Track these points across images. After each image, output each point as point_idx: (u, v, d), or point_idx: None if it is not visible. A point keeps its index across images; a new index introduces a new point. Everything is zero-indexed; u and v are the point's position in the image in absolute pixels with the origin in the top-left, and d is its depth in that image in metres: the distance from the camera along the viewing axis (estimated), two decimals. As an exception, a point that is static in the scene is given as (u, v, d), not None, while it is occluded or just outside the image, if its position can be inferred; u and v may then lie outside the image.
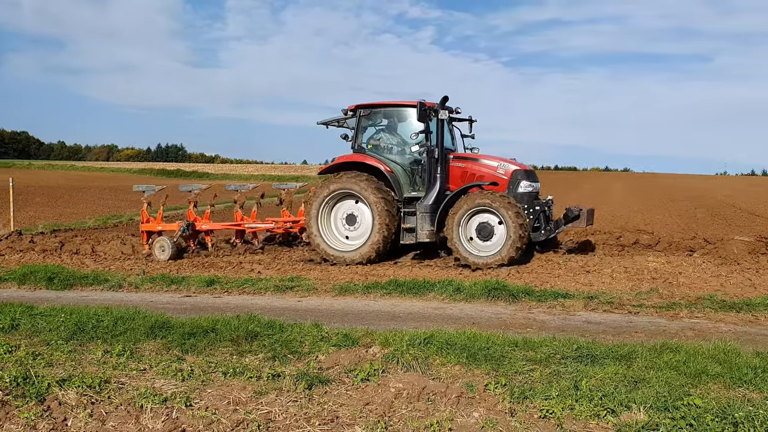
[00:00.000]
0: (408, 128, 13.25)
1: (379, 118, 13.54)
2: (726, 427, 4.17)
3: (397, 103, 13.30)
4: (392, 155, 13.22)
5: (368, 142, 13.38)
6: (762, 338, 7.02)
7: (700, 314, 8.17)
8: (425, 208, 12.50)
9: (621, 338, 6.88)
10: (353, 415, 4.60)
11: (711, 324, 7.73)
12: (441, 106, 12.70)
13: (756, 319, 7.90)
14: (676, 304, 8.59)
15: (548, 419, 4.47)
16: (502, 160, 13.04)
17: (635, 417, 4.36)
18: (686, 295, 9.08)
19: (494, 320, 7.97)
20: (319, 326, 6.82)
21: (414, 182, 13.02)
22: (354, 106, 13.43)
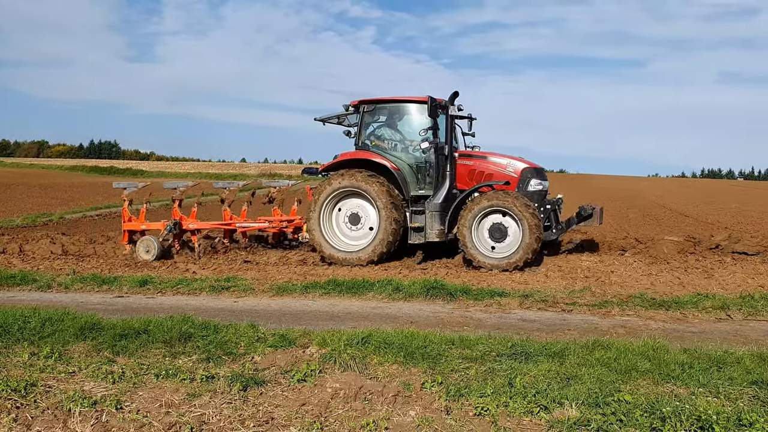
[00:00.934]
0: (414, 125, 12.83)
1: (384, 114, 13.04)
2: (654, 421, 4.29)
3: (403, 98, 12.87)
4: (397, 152, 12.79)
5: (372, 138, 12.98)
6: (690, 335, 7.24)
7: (631, 312, 8.38)
8: (435, 207, 12.15)
9: (554, 336, 7.01)
10: (289, 416, 4.56)
11: (641, 321, 7.94)
12: (450, 101, 12.45)
13: (684, 317, 8.14)
14: (608, 302, 8.80)
15: (483, 417, 4.52)
16: (510, 157, 12.82)
17: (567, 413, 4.44)
18: (618, 293, 9.31)
19: (432, 319, 8.01)
20: (255, 327, 6.73)
21: (420, 180, 12.58)
22: (357, 102, 13.01)
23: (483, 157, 12.93)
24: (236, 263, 12.29)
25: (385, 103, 12.93)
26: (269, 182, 16.23)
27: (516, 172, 12.52)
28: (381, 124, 13.06)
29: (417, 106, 12.60)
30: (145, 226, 13.71)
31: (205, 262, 12.41)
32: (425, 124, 12.39)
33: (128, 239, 13.69)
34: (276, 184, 15.87)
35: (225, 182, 15.57)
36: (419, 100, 12.44)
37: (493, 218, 11.76)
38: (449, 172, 12.35)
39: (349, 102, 13.22)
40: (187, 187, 14.67)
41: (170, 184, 14.68)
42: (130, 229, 13.74)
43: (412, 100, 12.65)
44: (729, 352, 5.96)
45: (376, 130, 13.04)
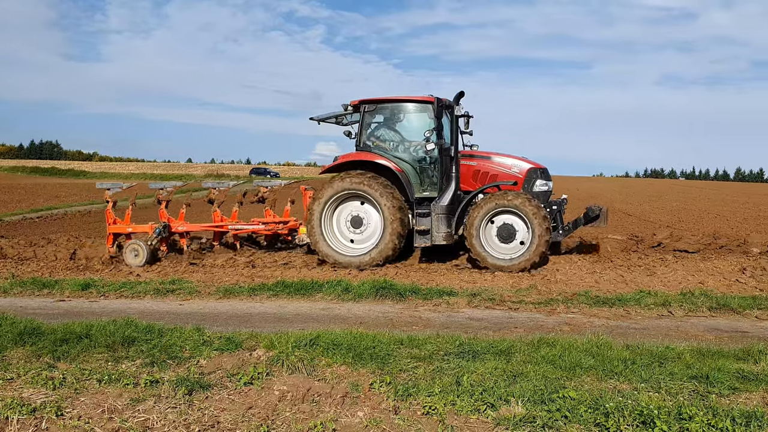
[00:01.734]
0: (416, 125, 12.57)
1: (385, 114, 12.68)
2: (598, 417, 4.36)
3: (406, 98, 12.55)
4: (400, 153, 12.45)
5: (373, 139, 12.63)
6: (632, 332, 7.39)
7: (575, 309, 8.53)
8: (441, 209, 11.88)
9: (501, 334, 7.08)
10: (235, 419, 4.49)
11: (586, 319, 8.09)
12: (456, 101, 12.21)
13: (627, 314, 8.32)
14: (554, 300, 8.94)
15: (431, 415, 4.53)
16: (515, 157, 12.70)
17: (513, 410, 4.49)
18: (563, 291, 9.47)
19: (381, 319, 8.01)
20: (201, 330, 6.62)
21: (424, 182, 12.29)
22: (357, 101, 12.63)
23: (486, 157, 12.76)
24: (182, 265, 12.06)
25: (387, 103, 12.59)
26: (260, 182, 15.58)
27: (521, 172, 12.46)
28: (382, 125, 12.75)
29: (420, 105, 12.39)
30: (131, 229, 13.17)
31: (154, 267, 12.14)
32: (429, 125, 12.15)
33: (112, 242, 13.17)
34: (268, 184, 15.34)
35: (215, 182, 14.91)
36: (423, 99, 12.27)
37: (501, 219, 11.68)
38: (455, 173, 12.11)
39: (349, 102, 12.85)
40: (175, 187, 14.23)
41: (157, 184, 14.16)
42: (116, 232, 13.22)
43: (415, 99, 12.42)
44: (670, 347, 6.11)
45: (378, 130, 12.72)
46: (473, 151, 12.90)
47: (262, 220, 14.08)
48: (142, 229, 13.11)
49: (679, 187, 68.41)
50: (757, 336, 7.10)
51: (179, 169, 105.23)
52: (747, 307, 8.40)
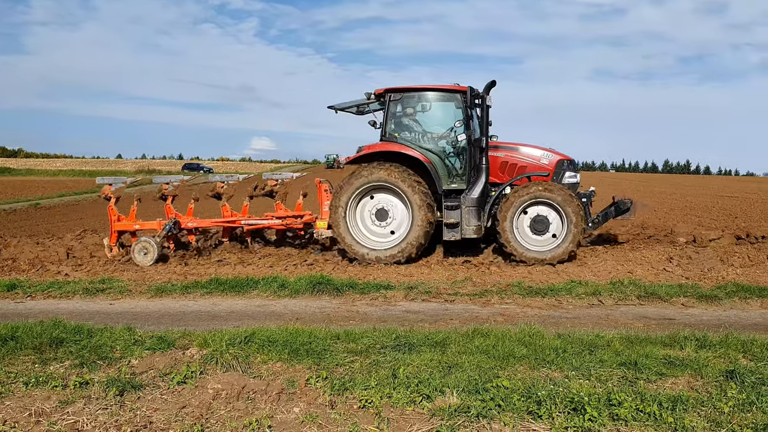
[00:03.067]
0: (445, 114, 12.20)
1: (412, 103, 12.19)
2: (531, 405, 4.44)
3: (434, 87, 12.16)
4: (427, 144, 12.06)
5: (398, 129, 12.18)
6: (564, 321, 7.57)
7: (509, 300, 8.68)
8: (472, 201, 11.56)
9: (437, 326, 7.15)
10: (168, 419, 4.41)
11: (519, 309, 8.23)
12: (486, 91, 11.82)
13: (559, 303, 8.51)
14: (488, 291, 9.07)
15: (367, 409, 4.54)
16: (542, 148, 12.45)
17: (448, 401, 4.54)
18: (497, 282, 9.61)
19: (318, 315, 7.98)
20: (132, 329, 6.46)
21: (452, 174, 11.94)
22: (383, 90, 12.17)
23: (513, 148, 12.49)
24: (112, 264, 11.73)
25: (414, 92, 12.18)
26: (271, 174, 14.74)
27: (551, 164, 12.26)
28: (409, 114, 12.29)
29: (449, 95, 12.09)
30: (138, 226, 12.65)
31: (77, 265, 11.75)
32: (457, 115, 11.95)
33: (115, 240, 12.64)
34: (278, 176, 14.68)
35: (224, 175, 14.24)
36: (453, 88, 12.02)
37: (534, 211, 11.53)
38: (485, 165, 11.76)
39: (372, 90, 12.45)
40: (182, 181, 13.64)
41: (162, 179, 13.55)
42: (122, 229, 12.69)
43: (443, 88, 12.13)
44: (600, 335, 6.27)
45: (404, 120, 12.27)
46: (498, 141, 12.51)
47: (276, 215, 13.52)
48: (150, 225, 12.62)
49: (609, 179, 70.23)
50: (683, 323, 7.35)
51: (109, 165, 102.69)
52: (674, 294, 8.69)
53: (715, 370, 5.25)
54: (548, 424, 4.23)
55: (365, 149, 12.18)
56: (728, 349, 5.82)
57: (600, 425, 4.15)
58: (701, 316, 7.86)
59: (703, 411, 4.41)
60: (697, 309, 8.21)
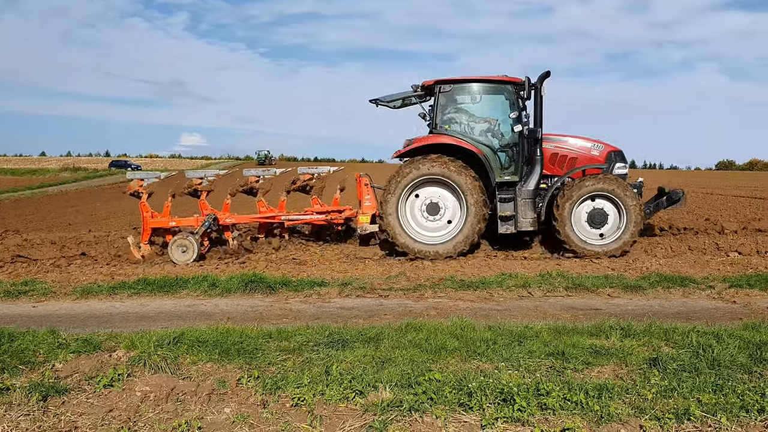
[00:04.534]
0: (496, 106, 12.05)
1: (463, 94, 12.02)
2: (462, 397, 4.49)
3: (486, 78, 11.97)
4: (478, 136, 11.94)
5: (449, 121, 11.99)
6: (495, 313, 7.68)
7: (442, 294, 8.75)
8: (527, 194, 11.54)
9: (371, 321, 7.16)
10: (94, 423, 4.29)
11: (452, 302, 8.32)
12: (540, 82, 11.63)
13: (490, 296, 8.63)
14: (422, 285, 9.12)
15: (300, 407, 4.51)
16: (591, 140, 12.35)
17: (381, 396, 4.54)
18: (431, 276, 9.69)
19: (250, 313, 7.87)
20: (56, 332, 6.24)
21: (504, 166, 11.84)
22: (433, 81, 11.96)
23: (563, 139, 12.35)
24: (35, 266, 11.29)
25: (466, 83, 11.99)
26: (306, 169, 14.21)
27: (602, 155, 12.18)
28: (460, 106, 12.12)
29: (500, 86, 11.96)
30: (175, 223, 12.20)
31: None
32: (509, 106, 11.85)
33: (148, 238, 12.23)
34: (314, 171, 14.18)
35: (258, 170, 13.64)
36: (503, 79, 11.88)
37: (592, 204, 11.49)
38: (539, 156, 11.72)
39: (420, 82, 12.25)
40: (217, 175, 13.09)
41: (195, 173, 12.99)
42: (158, 226, 12.24)
43: (495, 79, 11.97)
44: (529, 327, 6.39)
45: (454, 112, 12.09)
46: (549, 133, 12.29)
47: (316, 210, 13.21)
48: (187, 222, 12.22)
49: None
50: (608, 313, 7.56)
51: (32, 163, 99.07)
52: (600, 285, 8.93)
53: (639, 358, 5.42)
54: (479, 415, 4.29)
55: (417, 142, 11.92)
56: (651, 337, 6.02)
57: (529, 415, 4.22)
58: (626, 306, 8.10)
59: (628, 398, 4.54)
60: (622, 299, 8.46)
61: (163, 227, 12.26)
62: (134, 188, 12.31)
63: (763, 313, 7.49)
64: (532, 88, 11.71)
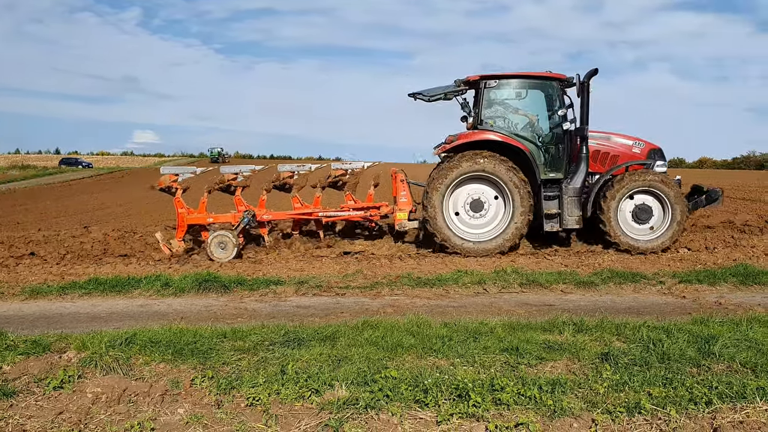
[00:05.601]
0: (541, 102, 11.98)
1: (509, 90, 11.97)
2: (418, 394, 4.51)
3: (532, 74, 11.97)
4: (523, 132, 11.88)
5: (493, 117, 11.92)
6: (451, 309, 7.74)
7: (399, 291, 8.78)
8: (574, 191, 11.56)
9: (327, 320, 7.15)
10: (44, 426, 4.19)
11: (408, 300, 8.35)
12: (588, 78, 11.57)
13: (447, 293, 8.68)
14: (379, 283, 9.14)
15: (255, 406, 4.47)
16: (632, 137, 12.37)
17: (337, 394, 4.53)
18: (387, 274, 9.70)
19: (204, 313, 7.78)
20: (3, 334, 6.07)
21: (548, 163, 11.79)
22: (478, 77, 11.82)
23: (605, 136, 12.35)
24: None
25: (512, 79, 11.93)
26: (340, 165, 13.99)
27: (642, 152, 12.24)
28: (504, 102, 12.07)
29: (546, 82, 11.91)
30: (212, 219, 11.95)
31: None
32: (554, 103, 11.82)
33: (183, 235, 11.96)
34: (348, 166, 13.91)
35: (293, 165, 13.38)
36: (550, 76, 11.86)
37: (636, 200, 11.58)
38: (585, 154, 11.75)
39: (464, 77, 12.06)
40: (253, 171, 12.80)
41: (229, 169, 12.69)
42: (194, 223, 11.99)
43: (542, 75, 11.94)
44: (484, 323, 6.44)
45: (499, 107, 12.03)
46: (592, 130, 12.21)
47: (353, 206, 13.06)
48: (224, 218, 12.01)
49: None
50: (561, 308, 7.68)
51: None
52: (553, 282, 9.06)
53: (591, 352, 5.52)
54: (434, 411, 4.31)
55: (461, 138, 11.78)
56: (603, 332, 6.12)
57: (484, 410, 4.26)
58: (579, 301, 8.23)
59: (580, 392, 4.61)
60: (575, 295, 8.59)
61: (201, 224, 12.10)
62: (166, 183, 12.07)
63: (711, 308, 7.69)
64: (579, 85, 11.68)
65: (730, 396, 4.42)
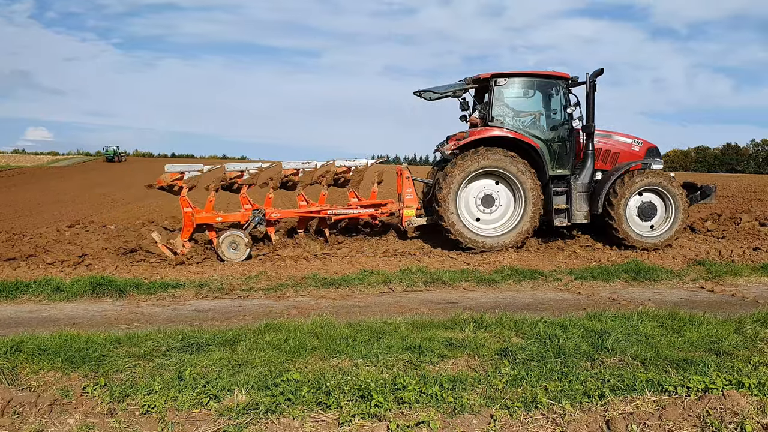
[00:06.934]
0: (550, 100, 12.31)
1: (518, 88, 12.25)
2: (320, 396, 4.46)
3: (542, 73, 12.21)
4: (533, 130, 12.11)
5: (503, 114, 12.10)
6: (356, 310, 7.72)
7: (304, 292, 8.69)
8: (582, 187, 12.01)
9: (229, 323, 6.98)
10: None
11: (314, 301, 8.27)
12: (594, 78, 12.01)
13: (352, 293, 8.66)
14: (283, 284, 9.01)
15: (150, 414, 4.31)
16: (631, 136, 12.80)
17: (237, 399, 4.42)
18: (292, 275, 9.58)
19: (98, 318, 7.45)
20: None
21: (555, 159, 12.11)
22: (489, 75, 12.01)
23: (607, 135, 12.72)
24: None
25: (523, 77, 12.22)
26: (344, 162, 13.36)
27: (641, 150, 12.70)
28: (514, 100, 12.28)
29: (555, 81, 12.22)
30: (221, 219, 11.60)
31: None
32: (562, 101, 12.15)
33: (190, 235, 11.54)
34: (351, 164, 13.36)
35: (298, 162, 12.75)
36: (558, 75, 12.18)
37: (641, 198, 12.05)
38: (591, 151, 12.20)
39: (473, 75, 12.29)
40: (259, 169, 12.09)
41: (235, 166, 12.14)
42: (204, 222, 11.56)
43: (551, 74, 12.22)
44: (388, 322, 6.47)
45: (509, 105, 12.22)
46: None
47: (360, 204, 12.81)
48: (233, 218, 11.75)
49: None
50: (464, 306, 7.81)
51: None
52: (456, 280, 9.20)
53: (490, 349, 5.62)
54: (337, 413, 4.27)
55: (474, 134, 11.94)
56: (503, 328, 6.26)
57: (386, 410, 4.26)
58: (480, 298, 8.39)
59: (480, 388, 4.69)
60: (477, 292, 8.76)
61: (209, 223, 11.73)
62: (167, 182, 11.54)
63: (605, 304, 8.00)
64: (585, 84, 12.20)
65: (621, 389, 4.60)
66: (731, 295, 8.57)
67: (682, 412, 4.15)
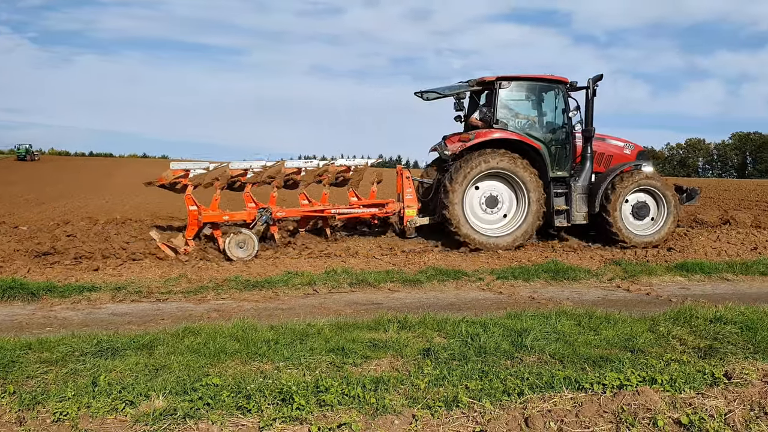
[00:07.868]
0: (551, 104, 12.75)
1: (522, 92, 12.66)
2: (240, 400, 4.38)
3: (544, 77, 12.61)
4: (534, 132, 12.49)
5: (507, 117, 12.44)
6: (279, 312, 7.63)
7: (226, 295, 8.53)
8: (582, 188, 12.42)
9: (146, 327, 6.78)
10: None
11: (236, 303, 8.13)
12: (594, 82, 12.44)
13: (276, 295, 8.56)
14: (204, 287, 8.83)
15: (62, 422, 4.14)
16: (623, 140, 13.36)
17: (154, 405, 4.30)
18: (214, 278, 9.40)
19: (8, 323, 7.12)
20: None
21: (555, 161, 12.49)
22: (494, 78, 12.30)
23: (601, 138, 13.19)
24: None
25: (526, 81, 12.60)
26: (344, 161, 12.99)
27: (633, 153, 13.23)
28: (518, 103, 12.64)
29: (556, 85, 12.62)
30: (228, 217, 11.43)
31: None
32: (564, 104, 12.52)
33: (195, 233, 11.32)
34: (351, 163, 12.98)
35: (300, 161, 12.48)
36: (559, 79, 12.57)
37: (634, 198, 12.60)
38: (590, 153, 12.63)
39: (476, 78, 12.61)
40: (264, 167, 11.65)
41: (240, 164, 11.89)
42: (211, 221, 11.38)
43: (552, 78, 12.60)
44: (311, 324, 6.42)
45: (512, 108, 12.56)
46: None
47: (362, 203, 12.77)
48: (240, 216, 11.62)
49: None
50: (388, 306, 7.83)
51: None
52: (381, 280, 9.22)
53: (414, 349, 5.66)
54: (257, 417, 4.20)
55: (479, 136, 12.16)
56: (426, 328, 6.30)
57: (308, 413, 4.22)
58: (405, 299, 8.44)
59: (402, 389, 4.70)
60: (401, 293, 8.80)
61: (215, 221, 11.53)
62: (169, 180, 11.25)
63: (525, 303, 8.17)
64: (585, 89, 12.67)
65: (540, 386, 4.69)
66: (646, 294, 8.88)
67: (598, 409, 4.27)
